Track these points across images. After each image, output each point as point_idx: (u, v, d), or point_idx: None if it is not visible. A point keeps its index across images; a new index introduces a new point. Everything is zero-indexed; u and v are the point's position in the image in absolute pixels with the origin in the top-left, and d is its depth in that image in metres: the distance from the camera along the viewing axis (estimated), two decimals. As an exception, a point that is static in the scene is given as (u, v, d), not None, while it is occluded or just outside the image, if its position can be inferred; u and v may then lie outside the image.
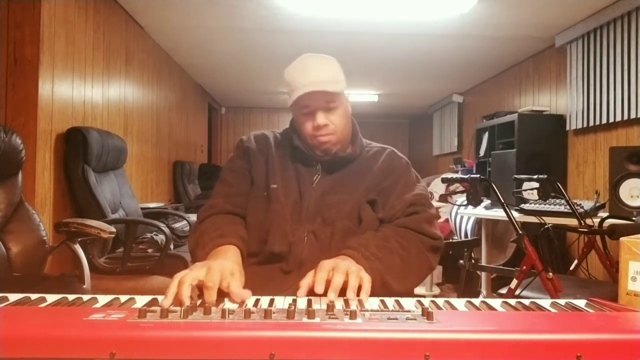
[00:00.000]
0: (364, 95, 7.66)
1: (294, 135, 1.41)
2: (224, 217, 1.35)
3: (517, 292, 2.26)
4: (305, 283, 1.03)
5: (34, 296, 0.97)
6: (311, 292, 1.02)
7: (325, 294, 1.00)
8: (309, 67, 1.34)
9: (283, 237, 1.29)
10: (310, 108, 1.34)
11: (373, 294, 1.04)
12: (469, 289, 3.89)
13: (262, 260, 1.29)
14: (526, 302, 0.99)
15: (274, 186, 1.36)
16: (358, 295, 1.00)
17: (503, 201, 2.34)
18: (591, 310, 0.94)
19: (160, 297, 1.00)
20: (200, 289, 0.99)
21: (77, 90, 3.11)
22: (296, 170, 1.39)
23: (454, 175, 3.21)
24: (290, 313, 0.77)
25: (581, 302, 0.99)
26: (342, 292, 1.01)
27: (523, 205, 3.06)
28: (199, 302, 0.96)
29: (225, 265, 1.04)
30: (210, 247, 1.19)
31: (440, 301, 1.00)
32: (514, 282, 2.31)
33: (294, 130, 1.43)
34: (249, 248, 1.29)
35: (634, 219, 2.67)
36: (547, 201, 2.96)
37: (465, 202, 2.51)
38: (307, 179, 1.38)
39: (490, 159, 4.67)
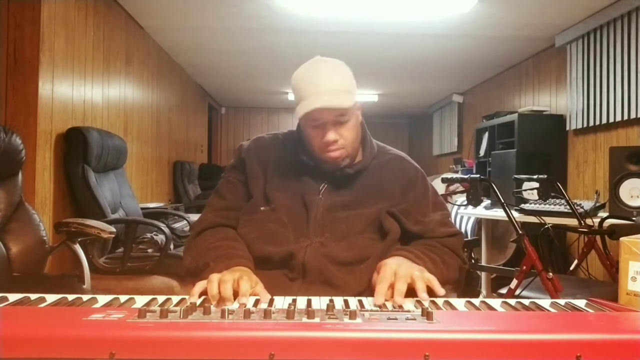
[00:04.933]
0: (364, 95, 7.66)
1: (300, 146, 1.35)
2: (215, 233, 1.30)
3: (517, 292, 2.26)
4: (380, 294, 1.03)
5: (33, 296, 0.97)
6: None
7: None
8: (320, 76, 1.25)
9: (283, 246, 1.26)
10: (320, 121, 1.26)
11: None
12: (469, 289, 3.89)
13: (267, 266, 1.26)
14: (526, 302, 0.99)
15: (273, 198, 1.30)
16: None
17: (503, 201, 2.34)
18: (591, 310, 0.94)
19: (160, 297, 1.00)
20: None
21: (77, 90, 3.11)
22: (300, 180, 1.33)
23: (454, 175, 3.21)
24: (290, 313, 0.77)
25: (581, 302, 0.99)
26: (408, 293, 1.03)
27: (523, 205, 3.06)
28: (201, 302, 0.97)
29: (251, 275, 1.12)
30: (220, 269, 1.13)
31: (440, 301, 1.00)
32: (514, 282, 2.31)
33: (300, 139, 1.36)
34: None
35: (634, 219, 2.67)
36: (547, 201, 2.96)
37: (465, 202, 2.51)
38: (313, 190, 1.32)
39: (490, 159, 4.68)
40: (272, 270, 1.24)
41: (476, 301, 0.99)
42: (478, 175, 2.43)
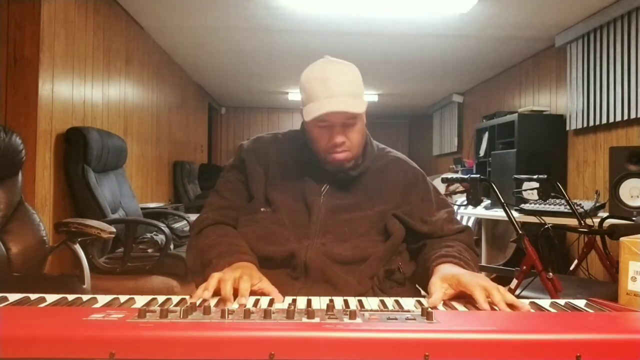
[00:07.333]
0: (364, 95, 7.65)
1: (303, 146, 1.34)
2: (217, 230, 1.30)
3: (517, 292, 2.26)
4: (438, 298, 1.00)
5: (33, 296, 0.97)
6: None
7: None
8: (332, 78, 1.23)
9: (284, 245, 1.25)
10: (327, 123, 1.25)
11: None
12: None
13: (270, 265, 1.25)
14: (526, 302, 0.99)
15: (274, 199, 1.30)
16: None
17: (503, 201, 2.34)
18: (591, 310, 0.94)
19: (160, 297, 1.00)
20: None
21: (77, 90, 3.11)
22: (302, 181, 1.33)
23: (454, 175, 3.21)
24: (290, 313, 0.77)
25: (581, 302, 0.99)
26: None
27: (523, 205, 3.06)
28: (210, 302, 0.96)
29: (253, 271, 1.11)
30: (223, 266, 1.13)
31: (440, 301, 1.00)
32: (514, 282, 2.31)
33: (303, 139, 1.35)
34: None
35: (634, 219, 2.67)
36: (547, 201, 2.96)
37: (465, 202, 2.51)
38: (315, 191, 1.31)
39: (490, 159, 4.67)
40: (274, 270, 1.23)
41: (476, 301, 0.99)
42: (478, 175, 2.43)
